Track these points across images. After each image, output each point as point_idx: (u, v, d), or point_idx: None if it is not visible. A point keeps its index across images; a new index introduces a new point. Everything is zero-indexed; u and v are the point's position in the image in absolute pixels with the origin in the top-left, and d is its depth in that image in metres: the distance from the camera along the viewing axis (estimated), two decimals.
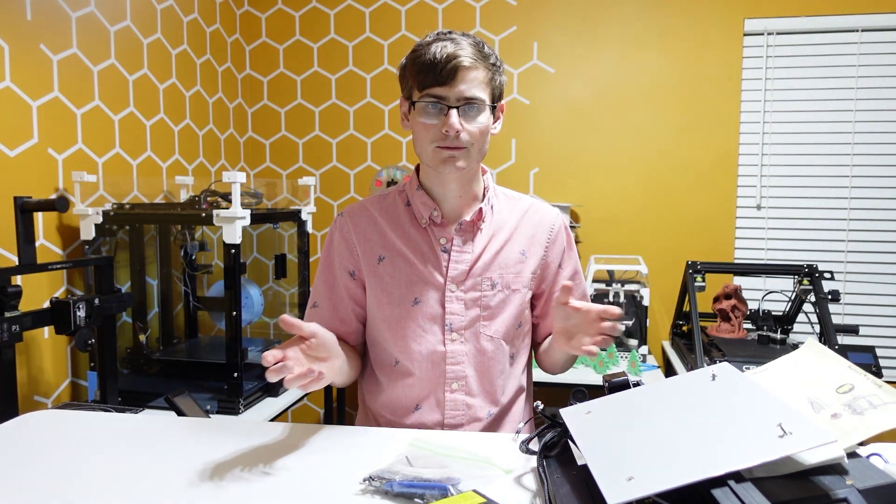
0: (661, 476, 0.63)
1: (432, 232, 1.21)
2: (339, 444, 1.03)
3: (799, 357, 0.86)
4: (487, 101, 1.13)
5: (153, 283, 2.28)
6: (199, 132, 2.70)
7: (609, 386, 0.89)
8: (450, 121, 1.09)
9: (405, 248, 1.21)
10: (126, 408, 1.70)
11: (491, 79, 1.13)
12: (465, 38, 1.12)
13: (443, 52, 1.08)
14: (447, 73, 1.08)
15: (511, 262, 1.22)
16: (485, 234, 1.22)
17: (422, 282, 1.19)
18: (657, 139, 2.77)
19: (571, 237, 1.33)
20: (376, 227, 1.23)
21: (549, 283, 1.29)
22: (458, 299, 1.19)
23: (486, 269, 1.20)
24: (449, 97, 1.09)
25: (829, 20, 2.61)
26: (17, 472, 0.92)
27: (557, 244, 1.28)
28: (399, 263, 1.20)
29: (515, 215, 1.27)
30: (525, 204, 1.30)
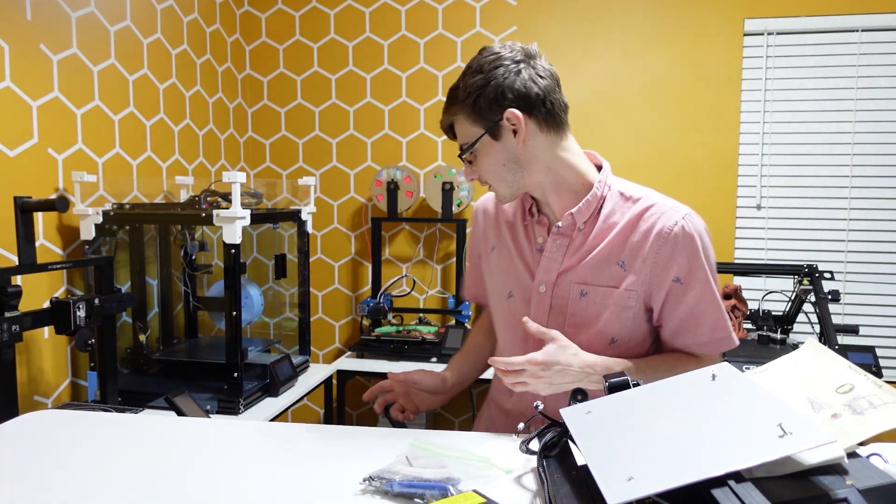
0: (661, 476, 0.63)
1: (533, 229, 1.18)
2: (339, 444, 1.02)
3: (799, 357, 0.86)
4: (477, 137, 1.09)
5: (153, 283, 2.28)
6: (199, 132, 2.70)
7: (609, 386, 0.89)
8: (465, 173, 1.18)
9: (510, 240, 1.21)
10: (126, 408, 1.70)
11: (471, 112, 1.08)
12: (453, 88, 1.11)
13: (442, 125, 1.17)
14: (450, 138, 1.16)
15: (607, 272, 1.10)
16: (587, 237, 1.12)
17: (516, 277, 1.18)
18: (657, 139, 2.77)
19: (698, 247, 1.07)
20: (496, 216, 1.26)
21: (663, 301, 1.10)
22: (543, 302, 1.14)
23: (578, 277, 1.11)
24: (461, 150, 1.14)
25: (829, 20, 2.61)
26: (17, 472, 0.92)
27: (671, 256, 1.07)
28: (503, 255, 1.22)
29: (626, 218, 1.11)
30: (642, 205, 1.12)
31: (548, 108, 1.08)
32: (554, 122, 1.10)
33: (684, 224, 1.08)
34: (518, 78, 1.06)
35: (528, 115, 1.07)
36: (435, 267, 3.00)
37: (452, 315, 2.75)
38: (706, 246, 1.09)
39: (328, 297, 3.08)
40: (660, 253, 1.07)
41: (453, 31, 2.90)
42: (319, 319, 3.09)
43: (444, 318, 2.92)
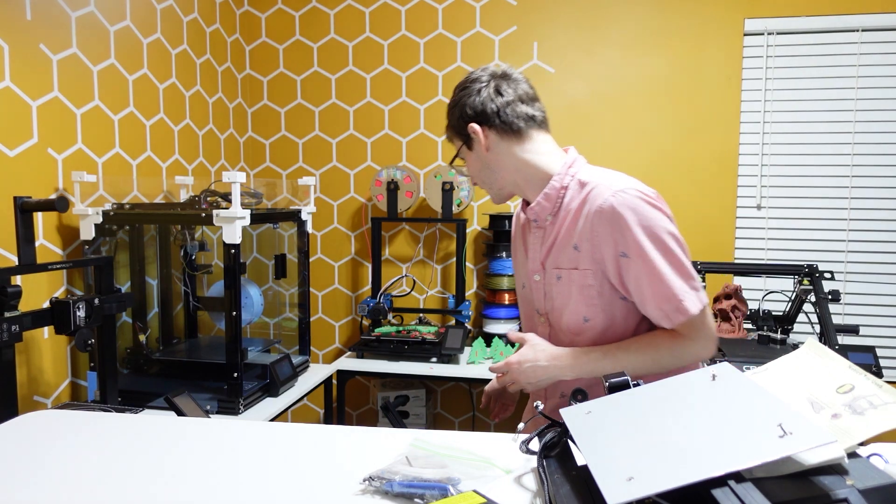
0: (661, 476, 0.63)
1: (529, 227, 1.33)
2: (339, 444, 1.02)
3: (799, 357, 0.86)
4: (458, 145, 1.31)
5: (153, 283, 2.28)
6: (198, 132, 2.70)
7: (609, 386, 0.89)
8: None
9: (522, 238, 1.37)
10: (126, 408, 1.70)
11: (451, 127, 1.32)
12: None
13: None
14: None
15: (566, 256, 1.21)
16: (554, 227, 1.25)
17: (525, 270, 1.34)
18: (657, 139, 2.77)
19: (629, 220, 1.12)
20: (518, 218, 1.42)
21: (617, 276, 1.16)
22: (539, 289, 1.29)
23: (553, 263, 1.25)
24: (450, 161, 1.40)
25: (829, 20, 2.61)
26: (17, 472, 0.92)
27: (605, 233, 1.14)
28: (519, 251, 1.38)
29: (577, 203, 1.20)
30: (588, 188, 1.20)
31: (503, 119, 1.25)
32: (511, 129, 1.25)
33: (613, 201, 1.14)
34: (477, 97, 1.26)
35: (486, 127, 1.26)
36: (435, 267, 3.00)
37: (452, 315, 2.75)
38: (642, 218, 1.12)
39: (328, 297, 3.08)
40: (595, 230, 1.16)
41: (453, 31, 2.90)
42: (319, 319, 3.09)
43: (444, 318, 2.92)
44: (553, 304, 1.25)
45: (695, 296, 1.13)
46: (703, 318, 1.15)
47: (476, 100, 1.25)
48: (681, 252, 1.14)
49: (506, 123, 1.24)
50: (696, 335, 1.15)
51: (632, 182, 1.17)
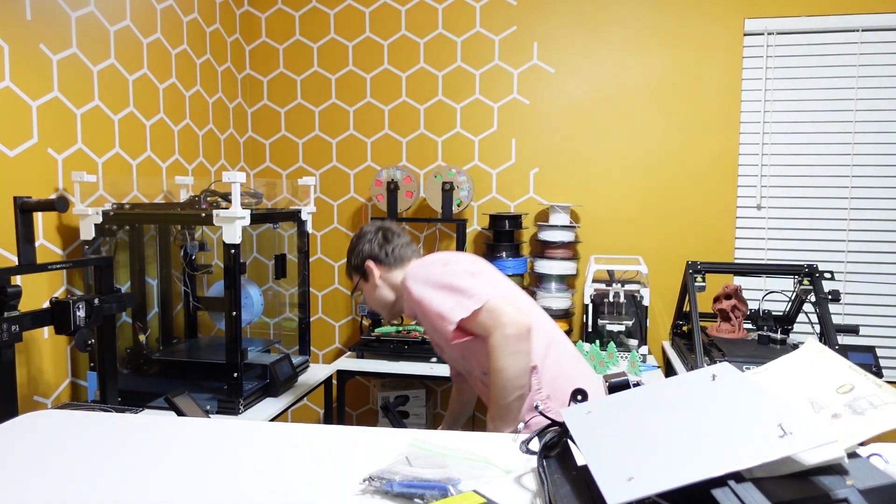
0: (661, 476, 0.63)
1: None
2: (339, 444, 1.02)
3: (799, 357, 0.86)
4: (354, 281, 1.76)
5: (153, 283, 2.28)
6: (198, 132, 2.70)
7: (609, 386, 0.89)
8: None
9: None
10: (126, 408, 1.70)
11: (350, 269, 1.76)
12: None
13: None
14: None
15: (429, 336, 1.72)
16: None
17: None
18: (657, 139, 2.77)
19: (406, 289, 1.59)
20: None
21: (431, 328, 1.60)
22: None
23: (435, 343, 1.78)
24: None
25: (829, 20, 2.61)
26: (17, 472, 0.92)
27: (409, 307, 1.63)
28: None
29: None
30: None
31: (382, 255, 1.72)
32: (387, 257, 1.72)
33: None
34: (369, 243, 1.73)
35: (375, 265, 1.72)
36: None
37: None
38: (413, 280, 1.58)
39: (328, 297, 3.08)
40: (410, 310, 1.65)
41: (453, 31, 2.90)
42: (319, 319, 3.09)
43: None
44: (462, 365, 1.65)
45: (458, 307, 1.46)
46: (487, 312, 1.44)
47: (367, 246, 1.72)
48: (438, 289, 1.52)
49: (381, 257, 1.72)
50: (491, 327, 1.43)
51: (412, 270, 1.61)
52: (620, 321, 2.55)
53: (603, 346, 2.53)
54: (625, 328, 2.57)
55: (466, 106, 2.92)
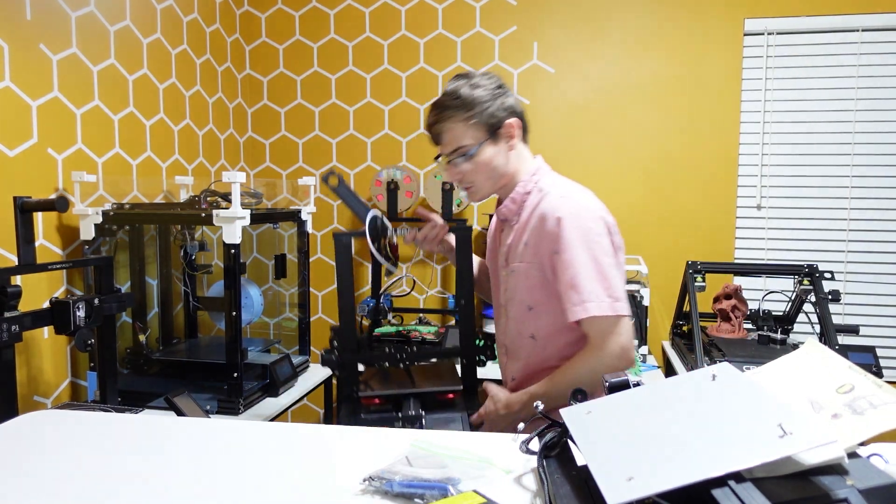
0: (661, 476, 0.63)
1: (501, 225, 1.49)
2: (339, 444, 1.02)
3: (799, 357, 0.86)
4: (472, 143, 1.34)
5: (153, 283, 2.28)
6: (198, 132, 2.70)
7: (609, 386, 0.89)
8: (446, 173, 1.43)
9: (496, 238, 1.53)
10: (126, 408, 1.70)
11: (468, 120, 1.33)
12: (445, 95, 1.35)
13: (427, 121, 1.39)
14: (433, 139, 1.41)
15: (519, 251, 1.38)
16: (515, 228, 1.40)
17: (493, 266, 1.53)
18: (657, 139, 2.77)
19: (566, 223, 1.28)
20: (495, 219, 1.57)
21: (549, 271, 1.32)
22: (497, 283, 1.50)
23: (509, 259, 1.41)
24: (442, 154, 1.41)
25: (829, 20, 2.61)
26: (17, 472, 0.92)
27: (548, 231, 1.30)
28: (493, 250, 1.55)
29: (530, 209, 1.38)
30: (541, 196, 1.37)
31: (525, 123, 1.43)
32: (525, 132, 1.43)
33: (558, 204, 1.30)
34: (512, 97, 1.39)
35: (519, 125, 1.39)
36: (435, 267, 3.00)
37: (452, 315, 2.75)
38: (580, 223, 1.28)
39: (328, 297, 3.08)
40: (540, 230, 1.32)
41: (453, 31, 2.90)
42: (319, 319, 3.09)
43: (444, 318, 2.92)
44: (507, 297, 1.42)
45: (607, 304, 1.25)
46: (616, 328, 1.25)
47: (511, 98, 1.38)
48: (609, 264, 1.27)
49: (526, 129, 1.43)
50: (604, 344, 1.26)
51: (582, 193, 1.35)
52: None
53: None
54: None
55: None
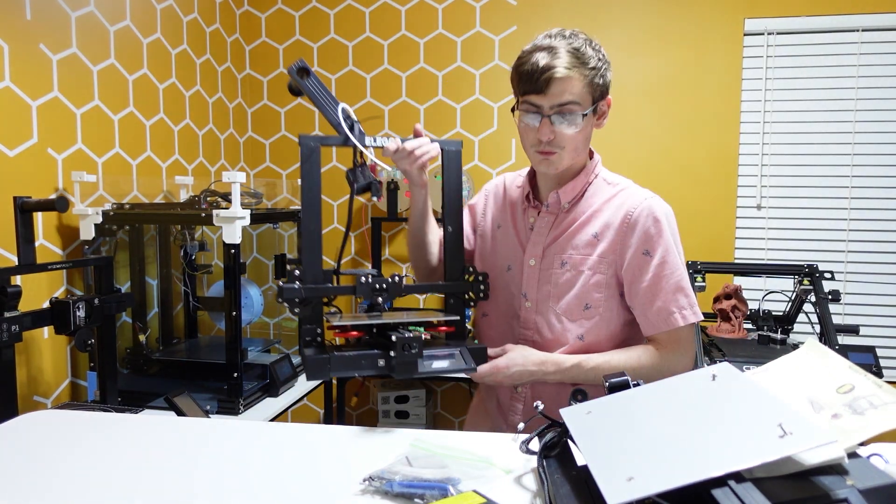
0: (661, 476, 0.63)
1: (527, 212, 1.35)
2: (339, 444, 1.02)
3: (799, 357, 0.86)
4: (583, 106, 1.20)
5: (153, 283, 2.28)
6: (198, 132, 2.70)
7: (609, 386, 0.89)
8: (543, 129, 1.20)
9: (512, 221, 1.37)
10: (126, 408, 1.70)
11: (590, 82, 1.20)
12: (567, 41, 1.19)
13: (541, 64, 1.17)
14: (542, 83, 1.17)
15: (582, 243, 1.26)
16: (569, 216, 1.29)
17: (513, 252, 1.35)
18: (657, 139, 2.77)
19: (662, 224, 1.23)
20: (503, 199, 1.42)
21: (632, 270, 1.23)
22: (533, 273, 1.31)
23: (560, 249, 1.28)
24: (543, 106, 1.19)
25: (829, 20, 2.61)
26: (17, 472, 0.92)
27: (638, 229, 1.22)
28: (507, 233, 1.37)
29: (602, 199, 1.29)
30: (617, 189, 1.31)
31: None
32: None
33: (650, 203, 1.25)
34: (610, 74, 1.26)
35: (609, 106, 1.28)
36: None
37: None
38: (672, 228, 1.25)
39: None
40: (628, 226, 1.24)
41: (453, 31, 2.90)
42: None
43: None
44: (551, 290, 1.28)
45: (690, 312, 1.22)
46: (690, 334, 1.25)
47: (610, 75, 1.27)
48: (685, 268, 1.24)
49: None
50: (679, 349, 1.24)
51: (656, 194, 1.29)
52: None
53: None
54: None
55: (466, 106, 2.92)
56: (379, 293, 1.17)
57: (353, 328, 1.17)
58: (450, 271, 1.29)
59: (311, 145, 1.17)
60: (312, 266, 1.15)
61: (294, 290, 1.13)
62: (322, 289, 1.16)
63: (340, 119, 1.20)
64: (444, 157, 1.29)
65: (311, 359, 1.09)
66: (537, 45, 1.21)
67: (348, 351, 1.12)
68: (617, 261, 1.24)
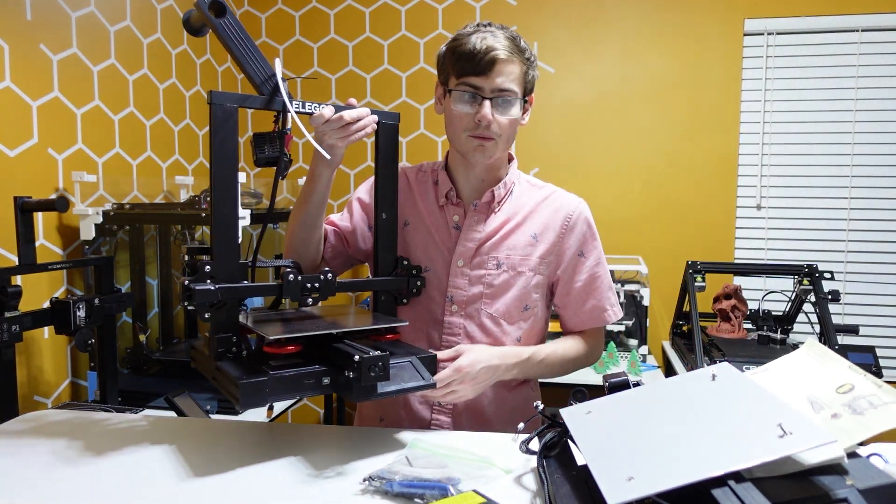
0: (661, 476, 0.63)
1: (448, 210, 1.27)
2: (339, 444, 1.03)
3: (799, 357, 0.86)
4: (519, 94, 1.17)
5: (153, 283, 2.28)
6: (198, 132, 2.70)
7: (609, 386, 0.89)
8: (483, 111, 1.14)
9: (427, 219, 1.28)
10: (126, 408, 1.70)
11: (525, 73, 1.18)
12: (502, 31, 1.19)
13: (482, 44, 1.14)
14: (485, 64, 1.13)
15: (520, 244, 1.24)
16: (499, 216, 1.26)
17: (434, 252, 1.25)
18: (657, 139, 2.77)
19: (593, 227, 1.30)
20: (409, 194, 1.31)
21: (568, 271, 1.27)
22: (462, 275, 1.24)
23: (493, 249, 1.24)
24: (484, 88, 1.15)
25: (829, 20, 2.61)
26: (17, 472, 0.92)
27: (576, 231, 1.27)
28: (420, 232, 1.27)
29: (534, 201, 1.28)
30: (546, 191, 1.31)
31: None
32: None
33: (583, 207, 1.30)
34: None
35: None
36: None
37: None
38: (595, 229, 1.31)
39: None
40: (566, 229, 1.26)
41: (453, 32, 2.89)
42: None
43: None
44: (483, 291, 1.23)
45: (618, 309, 1.32)
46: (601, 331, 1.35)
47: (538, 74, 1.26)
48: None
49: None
50: (600, 339, 1.35)
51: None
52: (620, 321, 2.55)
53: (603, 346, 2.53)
54: (625, 328, 2.57)
55: None
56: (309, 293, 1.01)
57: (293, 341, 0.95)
58: (382, 265, 1.16)
59: (228, 107, 0.97)
60: (226, 260, 0.94)
61: (209, 291, 0.92)
62: (240, 289, 0.96)
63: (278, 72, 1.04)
64: (380, 130, 1.15)
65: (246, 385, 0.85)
66: (474, 29, 1.19)
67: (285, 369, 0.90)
68: (555, 262, 1.26)
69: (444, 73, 1.22)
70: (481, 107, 1.14)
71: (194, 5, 0.98)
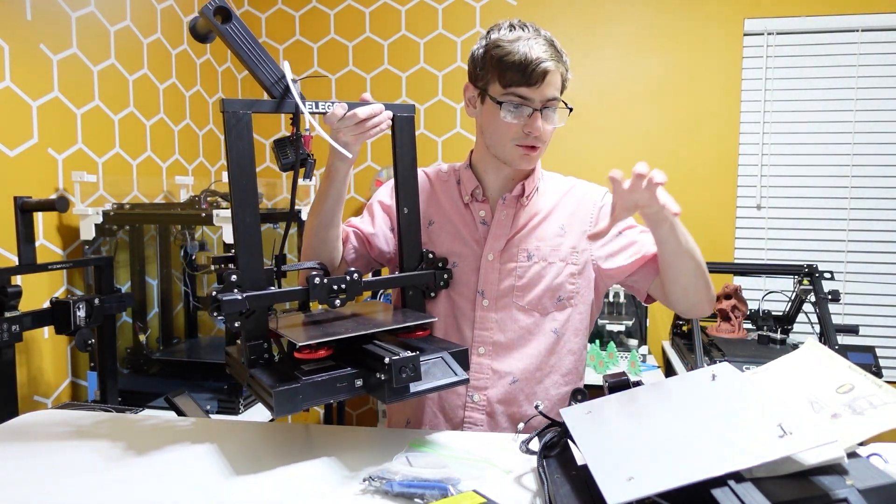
0: (661, 476, 0.63)
1: (474, 207, 1.27)
2: (339, 444, 1.02)
3: (799, 357, 0.86)
4: (560, 99, 1.18)
5: (153, 283, 2.28)
6: (199, 132, 2.70)
7: (609, 386, 0.89)
8: (535, 123, 1.15)
9: (454, 217, 1.28)
10: (126, 408, 1.70)
11: (564, 78, 1.19)
12: (541, 34, 1.19)
13: (532, 54, 1.12)
14: (536, 76, 1.12)
15: (549, 235, 1.24)
16: (528, 209, 1.26)
17: (463, 248, 1.25)
18: (657, 139, 2.77)
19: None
20: (432, 193, 1.31)
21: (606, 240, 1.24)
22: (493, 268, 1.23)
23: (523, 241, 1.24)
24: (534, 99, 1.14)
25: (829, 20, 2.61)
26: (17, 472, 0.92)
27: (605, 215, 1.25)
28: (447, 229, 1.27)
29: (558, 194, 1.29)
30: (569, 183, 1.32)
31: None
32: None
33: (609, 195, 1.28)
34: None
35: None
36: None
37: None
38: None
39: None
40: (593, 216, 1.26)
41: (453, 31, 2.90)
42: None
43: None
44: (515, 284, 1.22)
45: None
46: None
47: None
48: None
49: None
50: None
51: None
52: (620, 321, 2.56)
53: (603, 346, 2.54)
54: (625, 328, 2.57)
55: None
56: (336, 295, 1.02)
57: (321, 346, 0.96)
58: (407, 259, 1.15)
59: (240, 113, 0.96)
60: (251, 268, 0.95)
61: (237, 301, 0.92)
62: (267, 295, 0.97)
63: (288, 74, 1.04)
64: (396, 124, 1.11)
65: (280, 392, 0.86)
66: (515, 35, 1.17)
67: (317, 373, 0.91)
68: (588, 248, 1.25)
69: (484, 78, 1.19)
70: (532, 118, 1.14)
71: (200, 12, 0.97)
